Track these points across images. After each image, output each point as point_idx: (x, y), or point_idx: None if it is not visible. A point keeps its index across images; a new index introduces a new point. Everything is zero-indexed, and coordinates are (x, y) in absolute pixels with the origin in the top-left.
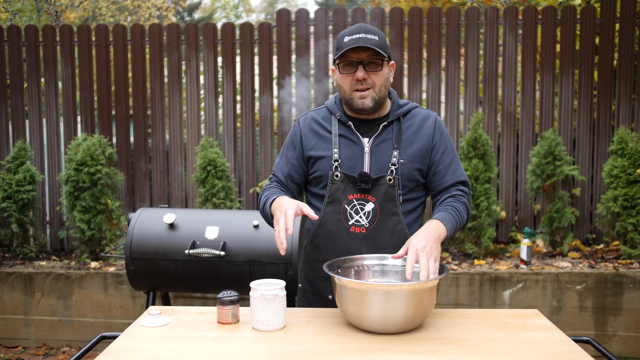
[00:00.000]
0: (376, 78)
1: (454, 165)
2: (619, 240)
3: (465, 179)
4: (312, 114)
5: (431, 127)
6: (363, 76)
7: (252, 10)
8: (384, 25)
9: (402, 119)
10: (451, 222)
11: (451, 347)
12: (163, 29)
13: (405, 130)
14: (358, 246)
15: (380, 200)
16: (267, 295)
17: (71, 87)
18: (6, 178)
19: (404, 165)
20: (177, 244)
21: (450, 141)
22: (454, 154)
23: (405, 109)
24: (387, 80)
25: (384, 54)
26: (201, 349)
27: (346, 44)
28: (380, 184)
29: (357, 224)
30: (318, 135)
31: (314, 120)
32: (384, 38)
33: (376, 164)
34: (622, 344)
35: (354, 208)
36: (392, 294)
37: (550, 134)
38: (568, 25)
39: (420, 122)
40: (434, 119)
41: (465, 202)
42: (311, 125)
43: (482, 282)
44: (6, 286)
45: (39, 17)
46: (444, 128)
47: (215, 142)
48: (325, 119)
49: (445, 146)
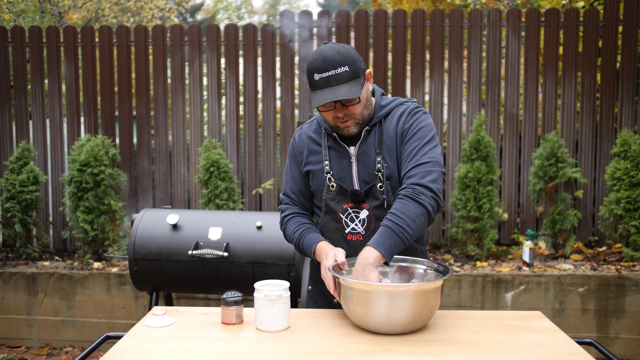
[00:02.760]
0: (354, 108)
1: (413, 153)
2: (622, 243)
3: (423, 160)
4: (305, 128)
5: (401, 121)
6: (343, 112)
7: (255, 12)
8: (386, 27)
9: (383, 121)
10: (385, 237)
11: (455, 348)
12: (166, 30)
13: (385, 131)
14: (357, 254)
15: (374, 207)
16: (271, 296)
17: (74, 88)
18: (10, 179)
19: (389, 168)
20: (180, 245)
21: (422, 129)
22: (420, 141)
23: (387, 110)
24: (367, 100)
25: (357, 92)
26: (205, 350)
27: (319, 85)
28: (372, 192)
29: (353, 232)
30: (311, 150)
31: (306, 134)
32: (352, 59)
33: (363, 172)
34: (624, 346)
35: (349, 216)
36: (399, 295)
37: (552, 136)
38: (571, 28)
39: (397, 119)
40: (404, 111)
41: (405, 194)
42: (305, 140)
43: (485, 284)
44: (9, 286)
45: (43, 18)
46: (416, 118)
47: (218, 143)
48: (316, 132)
49: (412, 134)
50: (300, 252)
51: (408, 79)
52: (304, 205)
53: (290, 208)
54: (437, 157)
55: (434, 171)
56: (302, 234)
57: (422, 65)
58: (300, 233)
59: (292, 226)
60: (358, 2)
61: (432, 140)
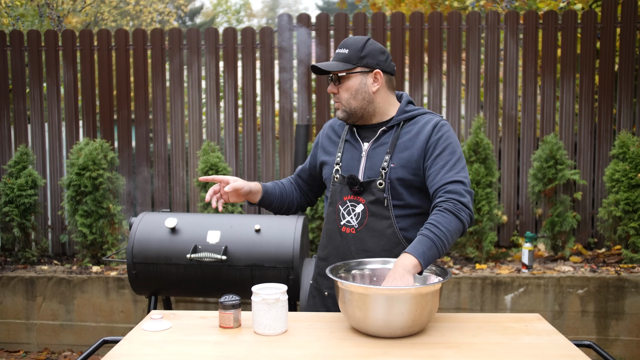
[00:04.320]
0: (342, 91)
1: (447, 167)
2: (621, 245)
3: (459, 178)
4: (333, 120)
5: (428, 132)
6: (332, 90)
7: (254, 15)
8: (385, 29)
9: (402, 125)
10: (424, 247)
11: (453, 351)
12: (165, 34)
13: (403, 135)
14: (347, 246)
15: (370, 203)
16: (269, 299)
17: (73, 91)
18: (8, 182)
19: (394, 169)
20: (178, 249)
21: (451, 144)
22: (452, 157)
23: (409, 115)
24: (357, 92)
25: (339, 68)
26: (203, 353)
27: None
28: (371, 187)
29: (347, 224)
30: (331, 141)
31: (331, 126)
32: (357, 50)
33: (369, 168)
34: (624, 348)
35: (347, 209)
36: (398, 298)
37: (551, 138)
38: (569, 30)
39: (420, 128)
40: (434, 123)
41: (447, 208)
42: (328, 131)
43: (484, 287)
44: (8, 290)
45: (41, 22)
46: (445, 131)
47: (217, 147)
48: (341, 125)
49: (442, 148)
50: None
51: (407, 81)
52: (298, 184)
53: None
54: (468, 178)
55: (470, 193)
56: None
57: (420, 67)
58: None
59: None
60: (357, 5)
61: (462, 158)
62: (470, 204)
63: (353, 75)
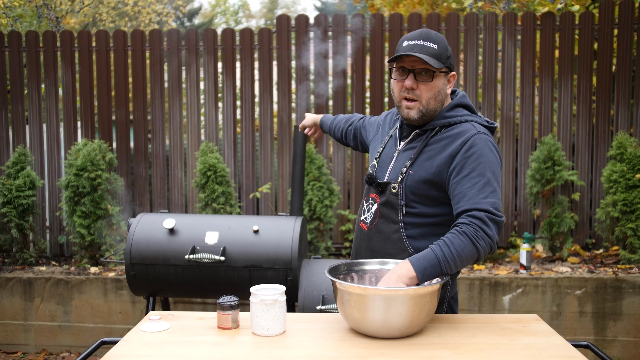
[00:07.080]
0: (424, 90)
1: (475, 191)
2: (619, 245)
3: (485, 206)
4: (394, 110)
5: (457, 147)
6: (412, 85)
7: (252, 16)
8: (383, 30)
9: (437, 130)
10: (427, 263)
11: (451, 352)
12: (163, 35)
13: (432, 142)
14: (360, 243)
15: (382, 204)
16: (267, 300)
17: (71, 92)
18: (6, 183)
19: (412, 176)
20: (177, 249)
21: (482, 164)
22: (480, 179)
23: (448, 121)
24: (439, 93)
25: (437, 65)
26: (201, 354)
27: (403, 49)
28: (386, 188)
29: (364, 221)
30: (382, 130)
31: (389, 115)
32: (444, 47)
33: (395, 170)
34: (621, 349)
35: (368, 206)
36: (397, 298)
37: (549, 139)
38: (567, 31)
39: (451, 140)
40: (467, 138)
41: (465, 231)
42: (385, 119)
43: (482, 287)
44: (6, 291)
45: (40, 22)
46: (477, 150)
47: (215, 148)
48: (393, 118)
49: (471, 169)
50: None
51: None
52: (341, 127)
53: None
54: (499, 202)
55: (496, 222)
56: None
57: None
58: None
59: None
60: (355, 6)
61: (492, 180)
62: (492, 233)
63: (440, 75)
